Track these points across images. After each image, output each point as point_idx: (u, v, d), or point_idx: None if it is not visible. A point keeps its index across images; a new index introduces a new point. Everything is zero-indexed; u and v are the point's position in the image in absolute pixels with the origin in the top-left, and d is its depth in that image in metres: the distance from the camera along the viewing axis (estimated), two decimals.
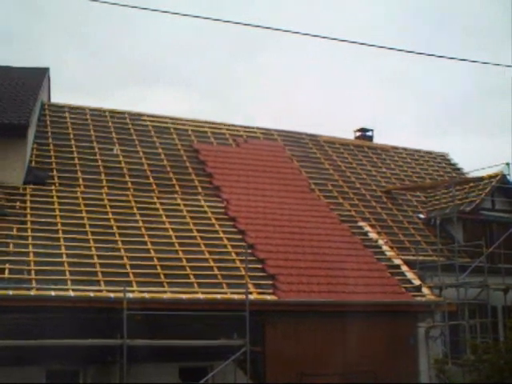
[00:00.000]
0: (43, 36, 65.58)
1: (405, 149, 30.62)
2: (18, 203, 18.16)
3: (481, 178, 25.68)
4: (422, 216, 24.95)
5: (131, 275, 15.94)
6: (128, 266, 16.29)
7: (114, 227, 17.97)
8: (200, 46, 67.37)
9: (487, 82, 67.02)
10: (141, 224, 18.47)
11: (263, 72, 70.23)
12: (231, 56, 69.39)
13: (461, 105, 67.74)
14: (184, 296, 15.56)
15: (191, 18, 12.43)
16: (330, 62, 71.28)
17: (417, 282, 19.12)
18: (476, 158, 51.32)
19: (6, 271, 14.89)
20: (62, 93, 25.33)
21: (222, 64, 67.67)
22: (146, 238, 17.79)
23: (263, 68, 69.29)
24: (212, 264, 17.34)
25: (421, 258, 21.19)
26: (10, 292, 14.12)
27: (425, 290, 18.81)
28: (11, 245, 16.05)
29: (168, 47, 68.95)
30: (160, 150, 23.65)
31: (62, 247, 16.41)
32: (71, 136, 22.88)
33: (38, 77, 23.66)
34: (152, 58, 66.10)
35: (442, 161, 30.73)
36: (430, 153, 31.08)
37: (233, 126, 27.20)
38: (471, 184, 25.75)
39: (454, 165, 30.64)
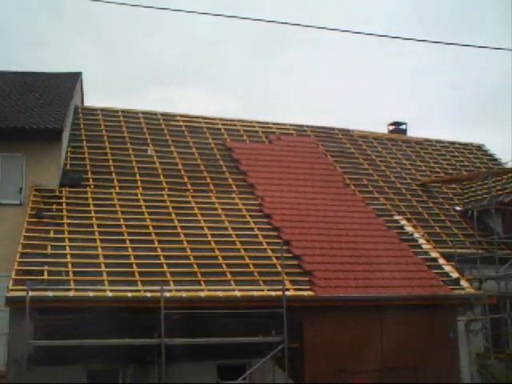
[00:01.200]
0: (66, 41, 66.35)
1: (439, 141, 30.29)
2: (54, 206, 18.38)
3: None
4: (458, 208, 24.64)
5: (168, 274, 16.00)
6: (165, 266, 16.36)
7: (150, 227, 18.07)
8: (223, 44, 67.68)
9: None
10: (176, 223, 18.54)
11: (289, 69, 70.24)
12: (255, 54, 69.58)
13: (495, 95, 66.87)
14: (221, 294, 15.57)
15: (211, 16, 12.41)
16: (357, 57, 70.95)
17: (455, 275, 18.85)
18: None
19: (45, 273, 15.08)
20: (90, 96, 25.65)
21: (247, 63, 67.84)
22: (182, 237, 17.85)
23: (288, 65, 69.32)
24: (248, 261, 17.33)
25: (458, 250, 20.94)
26: (50, 293, 14.29)
27: (464, 283, 18.54)
28: (49, 247, 16.25)
29: (191, 47, 69.37)
30: (193, 150, 23.74)
31: (99, 248, 16.56)
32: (105, 138, 23.12)
33: (71, 81, 23.99)
34: (176, 58, 66.64)
35: (477, 152, 30.31)
36: (465, 144, 30.68)
37: (265, 123, 27.17)
38: (509, 174, 25.35)
39: (490, 155, 30.19)
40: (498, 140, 58.23)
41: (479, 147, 30.84)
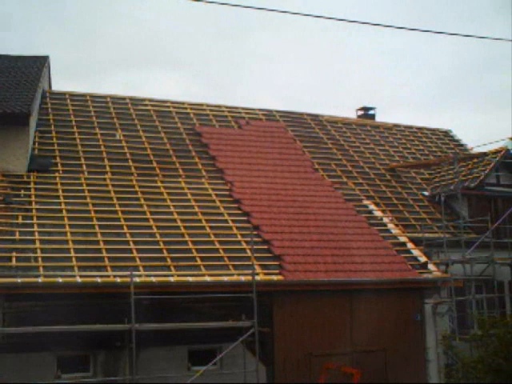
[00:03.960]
0: (29, 23, 65.31)
1: (407, 126, 30.55)
2: (22, 191, 18.18)
3: (485, 154, 25.61)
4: (426, 193, 24.93)
5: (138, 260, 15.98)
6: (134, 251, 16.33)
7: (119, 212, 17.99)
8: (189, 27, 67.24)
9: (485, 55, 66.77)
10: (145, 208, 18.49)
11: (256, 53, 70.09)
12: (220, 37, 69.18)
13: (461, 79, 67.70)
14: (191, 279, 15.60)
15: None
16: (326, 40, 71.06)
17: (423, 259, 19.14)
18: (479, 134, 51.25)
19: (13, 259, 14.95)
20: (57, 80, 25.33)
21: (213, 46, 67.54)
22: (151, 223, 17.81)
23: (256, 48, 69.18)
24: (218, 246, 17.36)
25: (426, 235, 21.22)
26: (19, 280, 14.17)
27: (431, 267, 18.84)
28: (17, 233, 16.09)
29: (158, 30, 68.78)
30: (162, 134, 23.63)
31: (68, 234, 16.44)
32: (73, 123, 22.88)
33: (38, 65, 23.63)
34: (142, 41, 66.05)
35: (445, 137, 30.63)
36: (432, 130, 30.97)
37: (234, 107, 27.13)
38: (475, 160, 25.69)
39: (457, 141, 30.54)
40: (468, 124, 59.03)
41: (446, 133, 31.18)
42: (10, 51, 24.46)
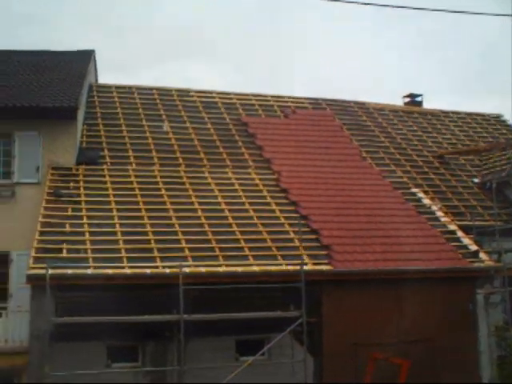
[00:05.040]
0: (69, 19, 65.96)
1: (456, 112, 29.98)
2: (71, 184, 18.45)
3: None
4: (476, 180, 24.41)
5: (186, 250, 16.04)
6: (183, 242, 16.40)
7: (168, 203, 18.09)
8: (221, 18, 67.00)
9: None
10: (193, 199, 18.56)
11: (298, 42, 69.50)
12: (256, 26, 68.64)
13: (507, 59, 66.03)
14: (239, 269, 15.59)
15: None
16: (364, 28, 70.15)
17: (473, 248, 18.73)
18: None
19: (64, 251, 15.19)
20: (101, 74, 25.59)
21: (252, 37, 67.23)
22: (200, 213, 17.87)
23: (298, 38, 68.58)
24: (266, 236, 17.32)
25: (477, 223, 20.78)
26: (69, 271, 14.41)
27: (482, 256, 18.43)
28: (67, 225, 16.34)
29: (195, 22, 68.82)
30: (209, 125, 23.69)
31: (117, 225, 16.62)
32: (120, 115, 23.12)
33: (84, 59, 23.95)
34: (182, 33, 66.15)
35: (496, 122, 29.94)
36: (482, 115, 30.32)
37: (280, 96, 27.01)
38: None
39: (509, 126, 29.81)
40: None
41: (497, 117, 30.47)
42: (55, 47, 24.68)
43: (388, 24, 69.74)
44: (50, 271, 13.91)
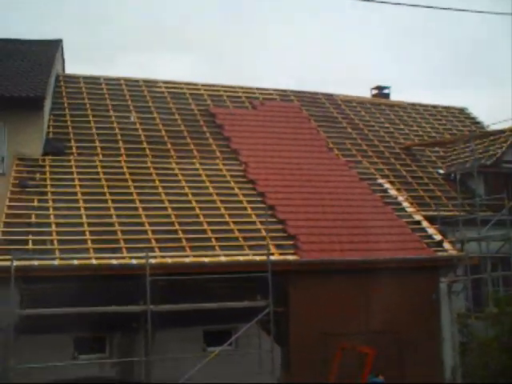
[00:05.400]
0: (36, 5, 65.07)
1: (422, 105, 30.32)
2: (37, 175, 18.30)
3: (501, 131, 25.34)
4: (441, 171, 24.78)
5: (153, 241, 16.05)
6: (149, 232, 16.40)
7: (134, 194, 18.07)
8: (195, 7, 66.76)
9: (498, 30, 65.91)
10: (160, 190, 18.55)
11: (265, 32, 69.52)
12: (230, 18, 68.70)
13: (475, 55, 66.96)
14: (206, 259, 15.65)
15: None
16: (338, 18, 70.38)
17: (438, 237, 19.01)
18: (496, 111, 50.69)
19: (30, 242, 15.10)
20: (68, 64, 25.43)
21: (221, 27, 67.14)
22: (167, 204, 17.87)
23: (265, 28, 68.64)
24: (233, 227, 17.39)
25: (442, 213, 21.10)
26: (35, 262, 14.32)
27: (446, 245, 18.71)
28: (33, 216, 16.22)
29: (164, 11, 68.41)
30: (177, 116, 23.66)
31: (83, 216, 16.56)
32: (87, 106, 22.98)
33: (51, 48, 23.70)
34: (149, 23, 65.78)
35: (460, 115, 30.37)
36: (447, 108, 30.71)
37: (248, 88, 27.06)
38: (491, 137, 25.45)
39: (473, 119, 30.27)
40: (484, 100, 58.45)
41: (461, 110, 30.90)
42: (19, 35, 24.38)
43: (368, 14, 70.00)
44: (16, 263, 13.80)
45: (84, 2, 64.66)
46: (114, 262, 14.89)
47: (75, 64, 39.48)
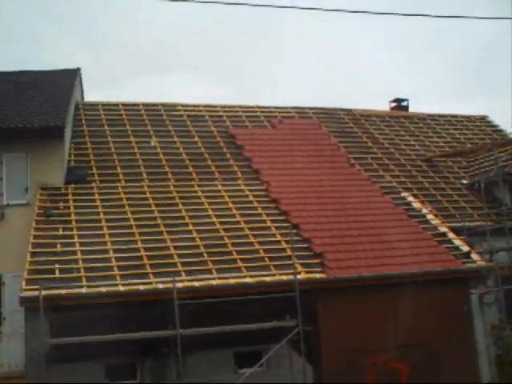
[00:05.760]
0: (45, 35, 65.80)
1: (442, 115, 30.11)
2: (61, 203, 18.41)
3: None
4: (465, 181, 24.52)
5: (179, 265, 16.03)
6: (175, 256, 16.39)
7: (158, 218, 18.08)
8: (209, 30, 67.24)
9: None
10: (184, 213, 18.55)
11: (280, 52, 69.70)
12: (241, 39, 68.96)
13: (493, 62, 66.54)
14: (233, 281, 15.59)
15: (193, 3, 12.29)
16: (350, 34, 70.46)
17: (465, 249, 18.79)
18: None
19: (57, 271, 15.13)
20: (86, 91, 25.75)
21: (233, 48, 67.42)
22: (191, 227, 17.86)
23: (279, 48, 68.84)
24: (258, 247, 17.32)
25: (467, 223, 20.84)
26: (63, 291, 14.37)
27: (474, 256, 18.49)
28: (58, 245, 16.29)
29: (177, 33, 68.82)
30: (197, 139, 23.72)
31: (109, 243, 16.58)
32: (107, 132, 23.12)
33: (69, 77, 23.94)
34: (163, 46, 66.21)
35: (481, 124, 30.11)
36: (468, 117, 30.48)
37: (266, 107, 27.09)
38: None
39: (495, 126, 29.98)
40: (502, 109, 58.02)
41: (482, 118, 30.65)
42: (27, 65, 24.73)
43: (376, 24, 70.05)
44: (44, 292, 13.86)
45: (96, 27, 65.36)
46: (141, 287, 14.88)
47: (91, 91, 39.83)
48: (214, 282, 15.48)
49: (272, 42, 70.55)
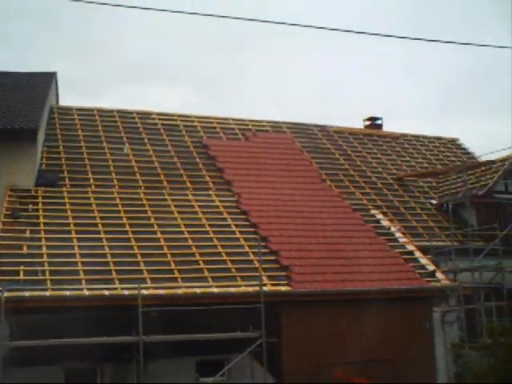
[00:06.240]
0: (28, 38, 65.69)
1: (414, 136, 30.54)
2: (30, 206, 18.30)
3: (492, 162, 25.54)
4: (434, 202, 24.88)
5: (145, 272, 16.01)
6: (142, 263, 16.37)
7: (127, 225, 18.06)
8: (188, 40, 67.58)
9: (489, 62, 66.61)
10: (153, 221, 18.55)
11: (255, 64, 70.19)
12: (220, 50, 69.38)
13: (466, 87, 67.59)
14: (198, 290, 15.62)
15: (176, 13, 12.43)
16: (327, 52, 71.17)
17: (431, 268, 19.05)
18: (486, 142, 51.10)
19: (21, 273, 15.03)
20: (62, 95, 25.67)
21: (211, 59, 67.79)
22: (159, 235, 17.86)
23: (255, 60, 69.37)
24: (225, 258, 17.37)
25: (434, 243, 21.14)
26: (26, 293, 14.25)
27: (439, 275, 18.75)
28: (25, 247, 16.18)
29: (156, 44, 69.05)
30: (170, 148, 23.76)
31: (76, 247, 16.52)
32: (80, 137, 23.08)
33: (45, 81, 23.88)
34: (141, 55, 66.37)
35: (452, 146, 30.59)
36: (439, 138, 30.95)
37: (241, 120, 27.24)
38: (483, 168, 25.64)
39: (464, 149, 30.49)
40: (475, 132, 58.93)
41: (453, 141, 31.13)
42: (12, 68, 24.65)
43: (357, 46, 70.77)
44: (6, 294, 13.75)
45: (75, 35, 65.27)
46: (106, 293, 14.83)
47: (66, 96, 39.74)
48: (179, 291, 15.49)
49: (251, 56, 70.98)
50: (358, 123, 31.59)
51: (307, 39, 70.85)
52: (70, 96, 59.72)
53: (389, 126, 31.57)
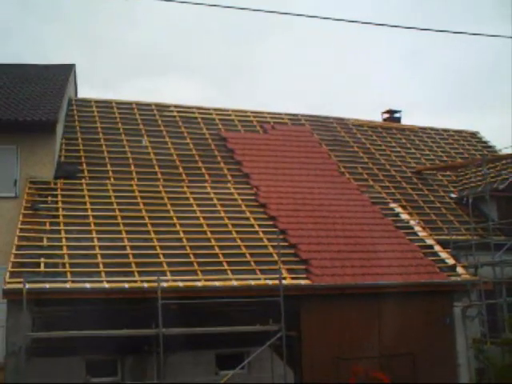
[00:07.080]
0: (43, 32, 65.89)
1: (433, 129, 30.29)
2: (49, 198, 18.35)
3: None
4: (453, 195, 24.68)
5: (165, 265, 15.99)
6: (161, 256, 16.35)
7: (146, 218, 18.04)
8: (204, 33, 67.47)
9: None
10: (172, 213, 18.52)
11: (273, 57, 69.96)
12: (236, 43, 69.21)
13: (486, 79, 67.01)
14: (218, 283, 15.58)
15: (191, 5, 12.32)
16: (344, 44, 70.81)
17: (451, 262, 18.90)
18: (508, 135, 50.62)
19: (42, 265, 15.06)
20: (80, 88, 25.70)
21: (227, 51, 67.66)
22: (178, 228, 17.84)
23: (273, 53, 69.14)
24: (244, 251, 17.32)
25: (454, 237, 20.96)
26: (47, 285, 14.29)
27: (459, 270, 18.60)
28: (45, 239, 16.21)
29: (172, 36, 69.00)
30: (188, 140, 23.72)
31: (95, 239, 16.53)
32: (99, 129, 23.08)
33: (64, 73, 23.92)
34: (157, 48, 66.38)
35: (472, 139, 30.32)
36: (459, 131, 30.68)
37: (259, 112, 27.13)
38: (503, 161, 25.38)
39: (485, 142, 30.20)
40: (497, 124, 58.40)
41: (473, 134, 30.86)
42: (27, 60, 24.75)
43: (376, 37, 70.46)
44: (28, 285, 13.79)
45: (91, 28, 65.38)
46: (126, 285, 14.83)
47: (85, 88, 39.86)
48: (198, 284, 15.46)
49: (268, 49, 70.77)
50: (377, 117, 31.42)
51: (321, 32, 70.43)
52: (83, 89, 59.79)
53: (407, 120, 31.42)
